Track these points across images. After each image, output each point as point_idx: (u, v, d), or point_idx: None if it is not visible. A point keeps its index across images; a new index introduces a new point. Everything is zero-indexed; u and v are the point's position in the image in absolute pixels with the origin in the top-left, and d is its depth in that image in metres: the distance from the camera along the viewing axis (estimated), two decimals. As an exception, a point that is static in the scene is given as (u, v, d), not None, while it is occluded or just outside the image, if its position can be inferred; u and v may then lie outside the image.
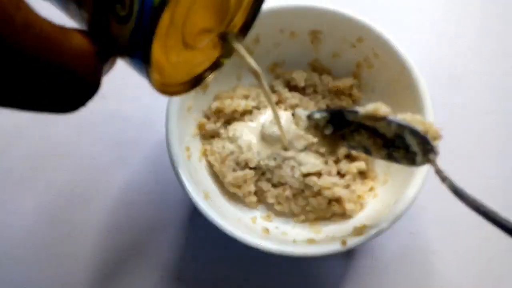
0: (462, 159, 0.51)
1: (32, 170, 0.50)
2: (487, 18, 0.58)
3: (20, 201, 0.48)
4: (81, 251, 0.46)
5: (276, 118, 0.40)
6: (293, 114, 0.46)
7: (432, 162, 0.31)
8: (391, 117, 0.32)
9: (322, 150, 0.40)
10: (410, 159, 0.33)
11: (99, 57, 0.21)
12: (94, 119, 0.52)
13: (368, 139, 0.34)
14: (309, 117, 0.36)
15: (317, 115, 0.35)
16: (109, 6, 0.20)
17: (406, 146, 0.32)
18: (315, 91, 0.50)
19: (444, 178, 0.30)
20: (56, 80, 0.19)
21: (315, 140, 0.38)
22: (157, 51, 0.23)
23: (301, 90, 0.50)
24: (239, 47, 0.31)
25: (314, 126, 0.36)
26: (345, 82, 0.48)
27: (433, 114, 0.40)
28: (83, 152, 0.50)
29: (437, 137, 0.32)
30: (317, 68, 0.51)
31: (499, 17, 0.59)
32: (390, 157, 0.34)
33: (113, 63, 0.23)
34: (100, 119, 0.52)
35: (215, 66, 0.32)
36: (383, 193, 0.43)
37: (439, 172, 0.31)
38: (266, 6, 0.43)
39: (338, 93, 0.49)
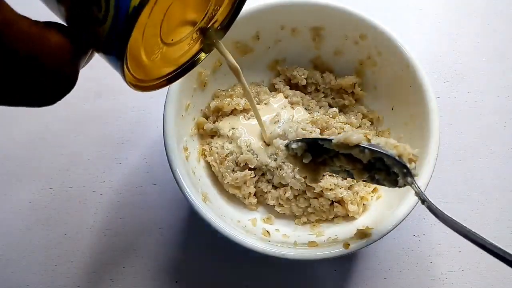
0: (465, 159, 0.50)
1: (28, 171, 0.49)
2: (489, 16, 0.58)
3: (15, 202, 0.48)
4: (77, 252, 0.46)
5: (256, 114, 0.40)
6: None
7: (410, 184, 0.31)
8: (364, 143, 0.31)
9: (304, 178, 0.40)
10: (392, 180, 0.32)
11: (75, 52, 0.21)
12: (90, 119, 0.51)
13: (348, 164, 0.34)
14: (287, 146, 0.36)
15: (294, 145, 0.35)
16: (85, 6, 0.20)
17: (386, 167, 0.32)
18: (317, 89, 0.49)
19: (423, 201, 0.30)
20: (32, 74, 0.20)
21: (295, 168, 0.38)
22: (133, 49, 0.23)
23: (303, 88, 0.49)
24: (218, 42, 0.31)
25: (293, 155, 0.36)
26: (348, 80, 0.47)
27: (437, 112, 0.39)
28: (79, 152, 0.50)
29: (413, 159, 0.31)
30: (319, 65, 0.50)
31: (501, 15, 0.58)
32: (373, 180, 0.34)
33: (91, 56, 0.24)
34: (96, 118, 0.51)
35: (193, 62, 0.31)
36: (386, 195, 0.42)
37: (418, 195, 0.31)
38: (266, 1, 0.42)
39: (340, 91, 0.49)
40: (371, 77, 0.47)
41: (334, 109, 0.47)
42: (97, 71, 0.53)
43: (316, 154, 0.35)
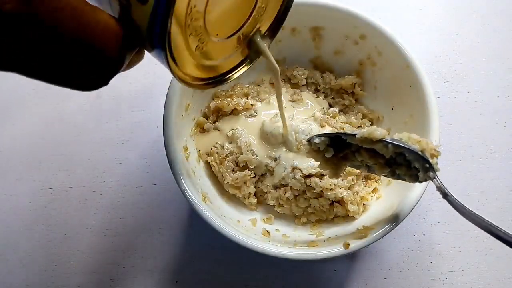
0: (465, 159, 0.50)
1: (28, 171, 0.49)
2: (489, 16, 0.58)
3: (16, 202, 0.48)
4: (77, 252, 0.46)
5: (281, 112, 0.40)
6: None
7: (432, 179, 0.31)
8: (388, 138, 0.32)
9: (325, 172, 0.41)
10: (413, 175, 0.33)
11: (123, 40, 0.22)
12: (90, 119, 0.51)
13: (369, 159, 0.34)
14: (309, 141, 0.37)
15: (317, 140, 0.36)
16: None
17: (407, 162, 0.32)
18: (317, 89, 0.49)
19: (445, 195, 0.31)
20: (81, 54, 0.21)
21: (317, 163, 0.39)
22: (177, 41, 0.24)
23: (303, 88, 0.49)
24: (264, 47, 0.32)
25: (315, 150, 0.37)
26: (348, 80, 0.47)
27: (437, 112, 0.39)
28: (79, 152, 0.50)
29: (435, 154, 0.31)
30: (319, 65, 0.50)
31: (501, 15, 0.58)
32: (393, 174, 0.34)
33: (140, 55, 0.24)
34: (95, 119, 0.51)
35: (242, 67, 0.32)
36: (386, 195, 0.42)
37: (440, 189, 0.31)
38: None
39: (340, 91, 0.49)
40: (371, 77, 0.47)
41: (334, 108, 0.47)
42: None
43: (338, 149, 0.36)
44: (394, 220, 0.36)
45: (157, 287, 0.44)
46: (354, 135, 0.33)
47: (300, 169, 0.41)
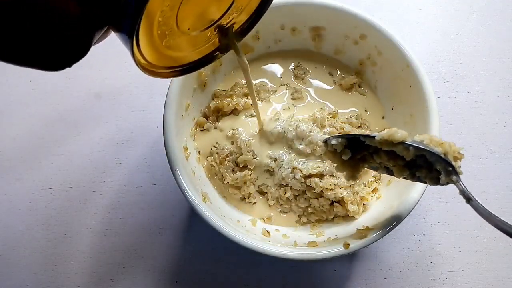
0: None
1: (28, 171, 0.49)
2: (489, 16, 0.58)
3: (15, 202, 0.48)
4: (77, 253, 0.46)
5: (256, 111, 0.41)
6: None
7: (455, 183, 0.30)
8: (409, 140, 0.30)
9: (342, 175, 0.39)
10: (434, 178, 0.31)
11: (91, 20, 0.22)
12: (90, 119, 0.51)
13: (388, 161, 0.33)
14: (326, 142, 0.35)
15: (334, 141, 0.34)
16: None
17: (428, 164, 0.31)
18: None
19: (468, 199, 0.29)
20: (47, 28, 0.20)
21: (333, 165, 0.37)
22: (147, 29, 0.24)
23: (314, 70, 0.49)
24: (236, 44, 0.32)
25: (332, 151, 0.35)
26: (348, 81, 0.47)
27: (437, 112, 0.39)
28: (79, 152, 0.50)
29: (458, 157, 0.30)
30: (318, 65, 0.50)
31: (502, 15, 0.58)
32: (413, 177, 0.33)
33: (106, 33, 0.24)
34: (96, 118, 0.51)
35: (209, 59, 0.32)
36: (386, 195, 0.42)
37: (463, 193, 0.29)
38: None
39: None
40: (371, 77, 0.47)
41: (334, 108, 0.47)
42: (97, 71, 0.53)
43: (355, 151, 0.34)
44: (394, 220, 0.36)
45: (157, 287, 0.44)
46: (373, 137, 0.32)
47: (300, 170, 0.41)
